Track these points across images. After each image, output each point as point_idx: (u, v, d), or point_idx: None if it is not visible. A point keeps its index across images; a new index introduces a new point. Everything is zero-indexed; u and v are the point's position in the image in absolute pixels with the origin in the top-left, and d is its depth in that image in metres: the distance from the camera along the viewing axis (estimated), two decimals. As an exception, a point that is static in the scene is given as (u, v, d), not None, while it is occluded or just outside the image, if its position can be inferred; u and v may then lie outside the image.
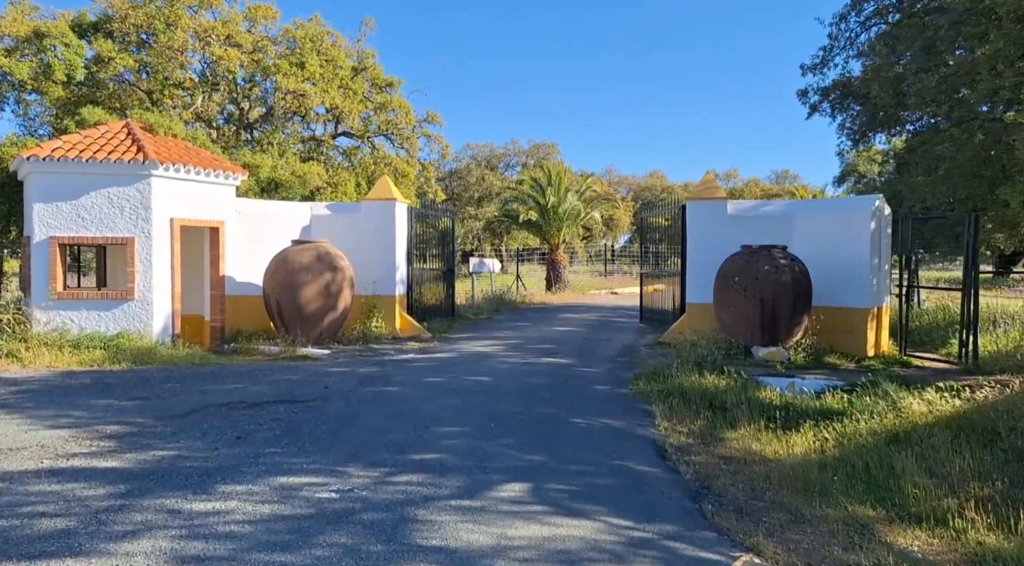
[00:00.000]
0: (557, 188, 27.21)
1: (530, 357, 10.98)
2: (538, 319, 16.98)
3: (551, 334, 14.02)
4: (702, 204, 12.34)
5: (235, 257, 12.75)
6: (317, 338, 12.07)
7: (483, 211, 36.81)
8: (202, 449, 5.85)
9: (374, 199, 13.52)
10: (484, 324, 16.06)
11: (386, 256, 13.45)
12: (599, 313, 18.87)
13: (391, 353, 11.53)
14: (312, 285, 11.82)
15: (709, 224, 12.25)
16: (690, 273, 12.45)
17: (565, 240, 28.64)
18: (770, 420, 7.01)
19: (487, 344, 12.59)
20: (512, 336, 13.73)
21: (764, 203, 12.53)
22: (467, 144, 41.22)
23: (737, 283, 10.67)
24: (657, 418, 7.16)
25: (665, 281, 14.55)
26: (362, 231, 13.48)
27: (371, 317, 13.14)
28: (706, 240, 12.24)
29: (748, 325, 10.63)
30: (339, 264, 12.23)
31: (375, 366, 10.12)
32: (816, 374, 9.48)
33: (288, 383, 8.68)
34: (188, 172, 11.72)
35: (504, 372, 9.57)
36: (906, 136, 17.91)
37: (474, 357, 11.01)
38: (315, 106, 16.67)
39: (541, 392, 8.24)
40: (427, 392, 8.16)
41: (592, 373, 9.67)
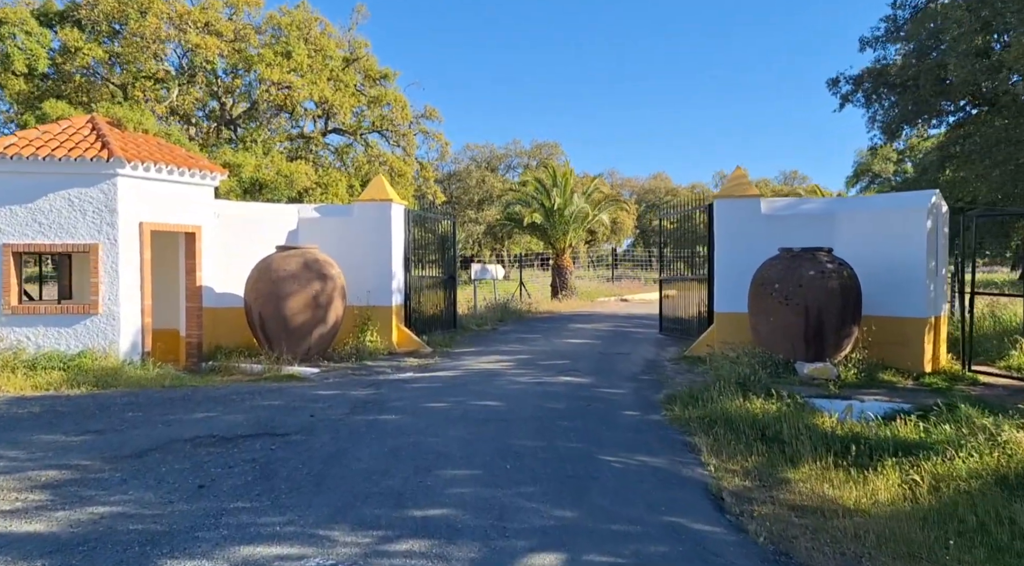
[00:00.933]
0: (563, 189, 26.26)
1: (544, 375, 10.00)
2: (547, 330, 16.00)
3: (564, 348, 13.03)
4: (732, 203, 11.38)
5: (214, 265, 11.78)
6: (305, 355, 11.09)
7: (484, 214, 35.89)
8: (153, 503, 4.87)
9: (368, 200, 12.56)
10: (489, 336, 15.08)
11: (381, 263, 12.49)
12: (612, 323, 17.88)
13: (387, 372, 10.54)
14: (299, 296, 10.85)
15: (740, 225, 11.29)
16: (719, 279, 11.48)
17: (571, 244, 27.67)
18: (838, 455, 6.03)
19: (494, 360, 11.61)
20: (521, 350, 12.75)
21: (802, 201, 11.59)
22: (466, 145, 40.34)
23: (777, 290, 9.70)
24: (703, 453, 6.18)
25: (686, 287, 13.57)
26: (355, 236, 12.52)
27: (365, 330, 12.17)
28: (737, 242, 11.28)
29: (790, 338, 9.65)
30: (329, 272, 11.26)
31: (369, 388, 9.13)
32: (874, 395, 8.50)
33: (268, 410, 7.70)
34: (160, 171, 10.77)
35: (516, 394, 8.58)
36: (946, 127, 16.98)
37: (481, 376, 10.03)
38: (303, 100, 15.74)
39: (561, 420, 7.25)
40: (429, 421, 7.18)
41: (616, 395, 8.69)
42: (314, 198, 16.05)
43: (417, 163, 19.91)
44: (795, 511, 4.97)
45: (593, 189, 28.05)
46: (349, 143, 19.27)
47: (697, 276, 13.32)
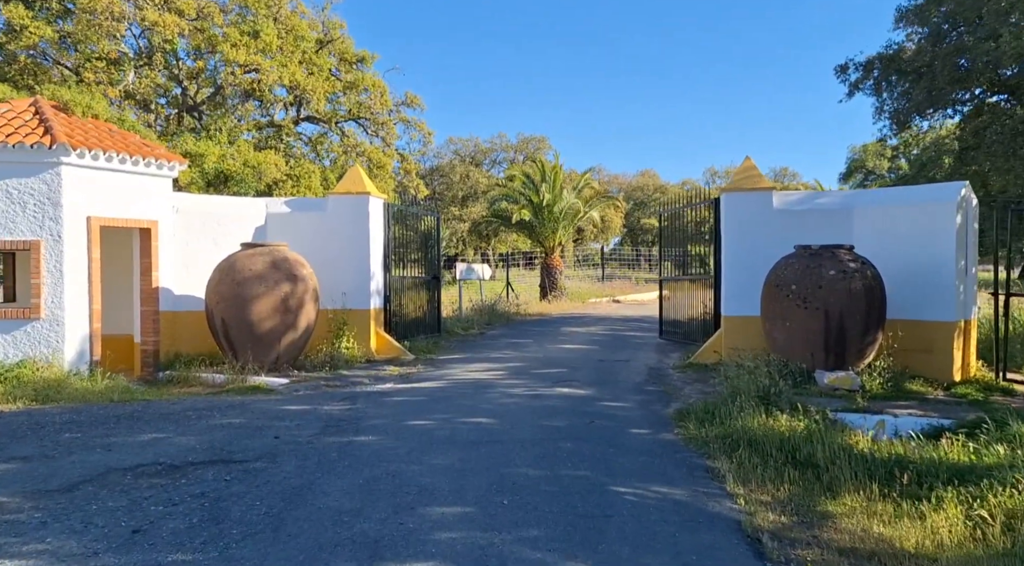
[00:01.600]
0: (552, 184, 25.59)
1: (539, 386, 9.27)
2: (539, 334, 15.28)
3: (558, 354, 12.32)
4: (741, 196, 10.73)
5: (172, 264, 10.94)
6: (273, 364, 10.29)
7: (468, 211, 35.12)
8: (74, 555, 4.09)
9: (343, 194, 11.77)
10: (476, 341, 14.34)
11: (358, 262, 11.71)
12: (607, 326, 17.21)
13: (365, 382, 9.77)
14: (265, 299, 10.05)
15: (750, 220, 10.64)
16: (726, 280, 10.83)
17: (561, 243, 27.03)
18: (882, 483, 5.36)
19: (483, 368, 10.87)
20: (512, 357, 12.02)
21: (818, 194, 10.96)
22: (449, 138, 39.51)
23: (794, 292, 9.05)
24: (728, 482, 5.48)
25: (688, 288, 12.92)
26: (329, 232, 11.73)
27: (340, 336, 11.38)
28: (747, 239, 10.63)
29: (808, 344, 9.00)
30: (300, 272, 10.47)
31: (344, 402, 8.36)
32: (905, 408, 7.86)
33: (227, 431, 6.92)
34: (110, 160, 9.91)
35: (510, 410, 7.85)
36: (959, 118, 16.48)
37: (469, 387, 9.29)
38: (271, 84, 14.84)
39: (563, 441, 6.53)
40: (411, 443, 6.43)
41: (622, 409, 7.98)
42: (285, 191, 15.22)
43: (398, 154, 19.09)
44: (848, 557, 4.28)
45: (583, 185, 27.42)
46: (323, 133, 18.36)
47: (701, 276, 12.67)
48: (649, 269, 50.76)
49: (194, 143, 13.05)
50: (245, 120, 16.00)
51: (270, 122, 17.18)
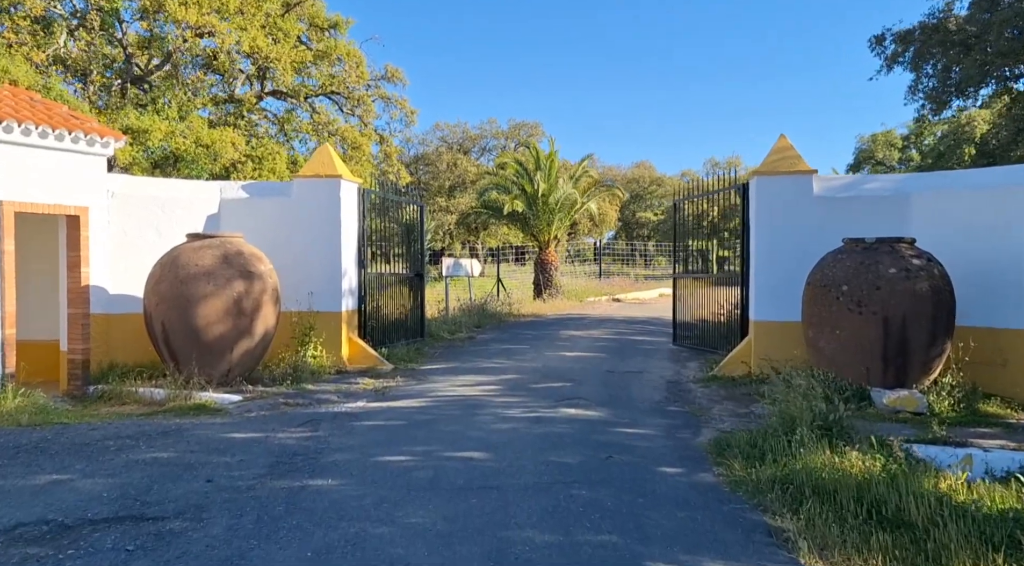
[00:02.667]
0: (547, 173, 24.36)
1: (540, 406, 8.05)
2: (535, 339, 14.06)
3: (559, 364, 11.10)
4: (776, 181, 9.54)
5: (107, 259, 9.65)
6: (224, 377, 9.02)
7: (456, 202, 33.81)
8: None
9: (311, 177, 10.49)
10: (464, 347, 13.10)
11: (328, 257, 10.45)
12: (610, 329, 16.01)
13: (332, 400, 8.52)
14: (214, 300, 8.77)
15: (786, 209, 9.46)
16: (756, 278, 9.64)
17: (556, 236, 25.80)
18: (1006, 552, 4.18)
19: (473, 381, 9.64)
20: (506, 367, 10.79)
21: (866, 178, 9.79)
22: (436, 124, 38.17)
23: (846, 294, 7.87)
24: (801, 552, 4.28)
25: (708, 287, 11.74)
26: (294, 222, 10.47)
27: (306, 343, 10.12)
28: (782, 231, 9.46)
29: (863, 356, 7.83)
30: (256, 269, 9.19)
31: (304, 428, 7.11)
32: (992, 438, 6.69)
33: (150, 469, 5.67)
34: (28, 133, 8.60)
35: (507, 439, 6.62)
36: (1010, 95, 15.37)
37: (456, 406, 8.05)
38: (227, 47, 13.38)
39: (577, 485, 5.32)
40: (382, 490, 5.20)
41: (643, 438, 6.77)
42: (245, 175, 13.90)
43: (377, 135, 17.73)
44: None
45: (581, 173, 26.18)
46: (292, 109, 16.99)
47: (724, 274, 11.49)
48: (645, 264, 49.72)
49: (137, 118, 11.72)
50: (201, 94, 14.61)
51: (230, 97, 15.73)
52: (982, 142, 35.09)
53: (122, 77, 14.07)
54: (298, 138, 16.05)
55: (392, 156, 18.54)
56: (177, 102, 13.12)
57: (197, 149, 12.18)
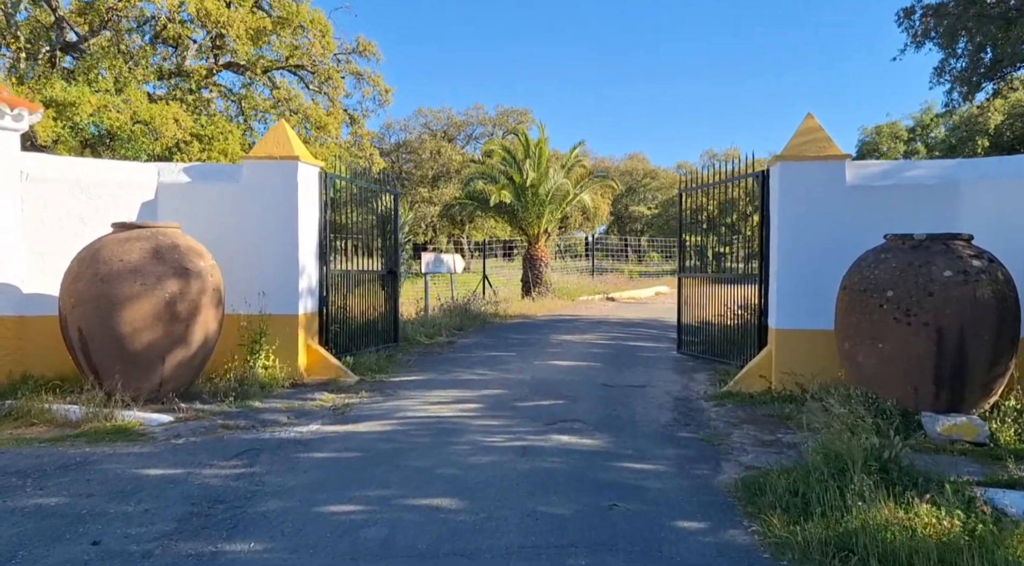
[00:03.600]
0: (537, 162, 23.28)
1: (527, 431, 6.97)
2: (523, 345, 12.98)
3: (550, 375, 10.03)
4: (802, 167, 8.50)
5: (19, 252, 8.49)
6: (155, 392, 7.89)
7: (439, 193, 32.62)
8: None
9: (263, 158, 9.35)
10: (443, 354, 12.00)
11: (283, 251, 9.32)
12: (606, 332, 14.96)
13: (281, 421, 7.41)
14: (142, 302, 7.62)
15: (815, 199, 8.42)
16: (779, 279, 8.60)
17: (547, 230, 24.75)
18: None
19: (450, 397, 8.55)
20: (489, 379, 9.71)
21: (907, 164, 8.74)
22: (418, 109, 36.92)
23: (891, 301, 6.83)
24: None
25: (718, 287, 10.70)
26: (243, 210, 9.33)
27: (257, 352, 9.00)
28: (810, 225, 8.43)
29: (911, 374, 6.81)
30: (194, 265, 8.05)
31: (237, 461, 6.00)
32: (1078, 478, 5.66)
33: (26, 522, 4.57)
34: (-83, 101, 7.41)
35: (485, 478, 5.55)
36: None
37: (427, 432, 6.96)
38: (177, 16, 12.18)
39: (573, 552, 4.25)
40: (319, 561, 4.10)
41: (653, 476, 5.70)
42: (191, 156, 12.71)
43: (347, 116, 16.51)
44: None
45: (573, 163, 25.11)
46: (249, 84, 15.71)
47: (738, 273, 10.47)
48: (638, 260, 48.82)
49: (64, 89, 10.51)
50: (143, 64, 13.33)
51: (177, 69, 14.41)
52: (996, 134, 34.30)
53: (51, 43, 12.76)
54: (258, 118, 14.85)
55: (364, 138, 17.32)
56: (115, 73, 11.87)
57: (134, 126, 10.98)
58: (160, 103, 12.11)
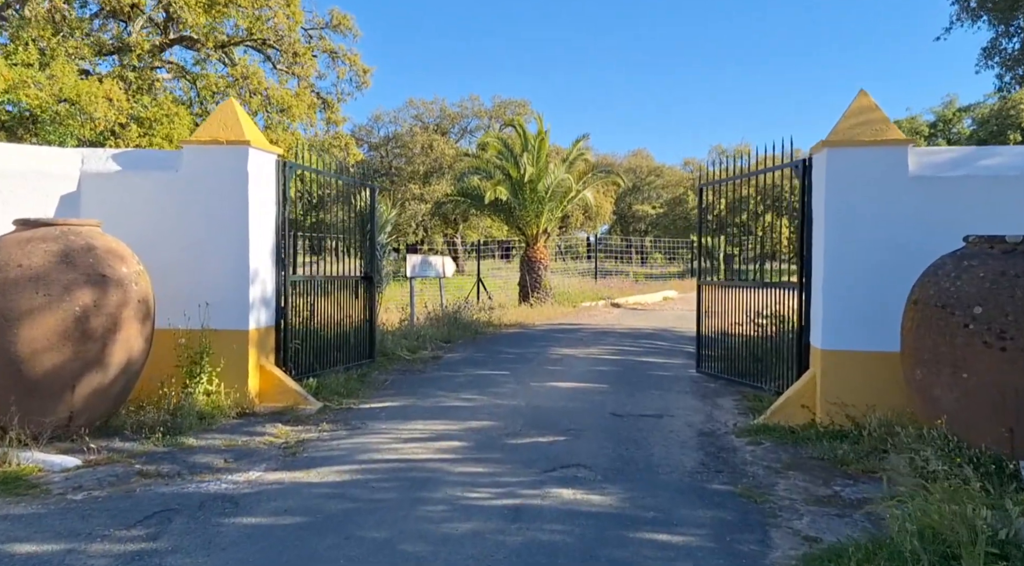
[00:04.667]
0: (536, 155, 22.06)
1: (521, 481, 5.74)
2: (519, 360, 11.74)
3: (550, 400, 8.79)
4: (855, 154, 7.27)
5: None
6: (63, 427, 6.65)
7: (431, 189, 31.37)
8: None
9: (207, 143, 8.10)
10: (426, 373, 10.75)
11: (231, 254, 8.08)
12: (613, 345, 13.73)
13: (215, 466, 6.17)
14: (46, 316, 6.39)
15: (871, 192, 7.20)
16: (826, 289, 7.37)
17: (546, 230, 23.52)
18: None
19: (428, 431, 7.31)
20: (477, 406, 8.46)
21: (984, 151, 7.51)
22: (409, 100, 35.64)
23: (979, 320, 5.60)
24: None
25: (747, 296, 9.49)
26: (183, 204, 8.09)
27: (197, 375, 7.75)
28: (865, 223, 7.21)
29: (1004, 412, 5.58)
30: (114, 272, 6.81)
31: (139, 532, 4.76)
32: None
33: None
34: None
35: (462, 559, 4.30)
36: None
37: (394, 484, 5.72)
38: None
39: None
40: None
41: (685, 557, 4.47)
42: (129, 141, 11.45)
43: (318, 99, 15.22)
44: None
45: (576, 156, 23.88)
46: (202, 60, 14.36)
47: (771, 280, 9.24)
48: (641, 262, 47.63)
49: (-28, 62, 9.26)
50: (76, 34, 12.00)
51: (121, 44, 13.01)
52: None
53: (-31, 11, 11.56)
54: (215, 100, 13.57)
55: (339, 125, 16.03)
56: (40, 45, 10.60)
57: (59, 107, 9.70)
58: (91, 79, 10.81)
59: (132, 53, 12.57)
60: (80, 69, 11.62)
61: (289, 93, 13.61)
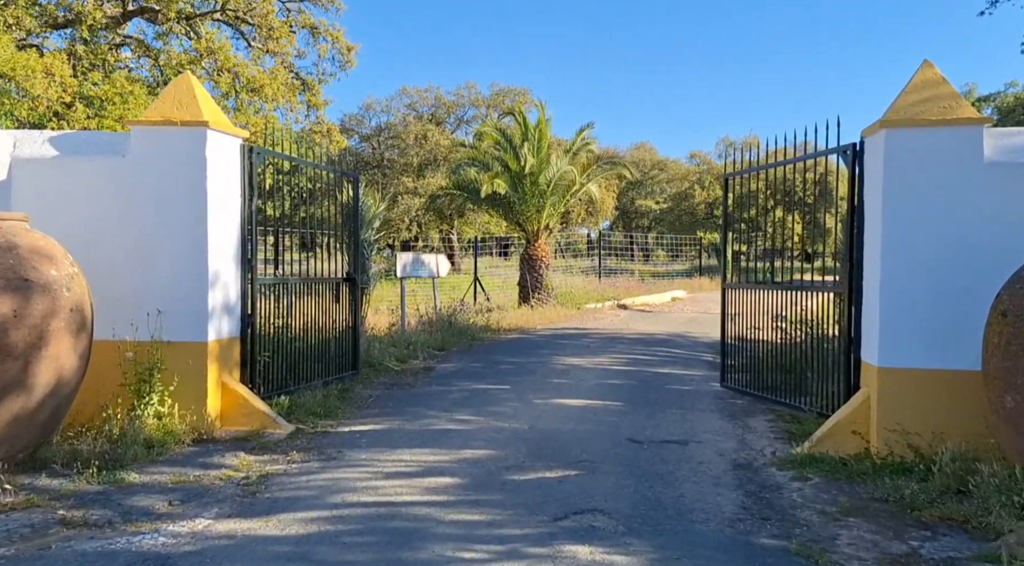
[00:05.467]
0: (537, 146, 21.10)
1: (525, 534, 4.81)
2: (520, 371, 10.80)
3: (557, 422, 7.85)
4: (920, 136, 6.33)
5: None
6: (-22, 462, 5.68)
7: (425, 183, 30.38)
8: None
9: (159, 124, 7.14)
10: (416, 387, 9.81)
11: (187, 252, 7.13)
12: (623, 353, 12.79)
13: (156, 511, 5.23)
14: (-49, 330, 5.43)
15: (940, 180, 6.27)
16: (884, 295, 6.43)
17: (548, 226, 22.57)
18: None
19: (414, 464, 6.36)
20: (473, 430, 7.51)
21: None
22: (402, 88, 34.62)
23: (1091, 336, 4.66)
24: None
25: (772, 299, 8.57)
26: (131, 195, 7.14)
27: (146, 394, 6.81)
28: (933, 217, 6.29)
29: (1122, 451, 4.63)
30: (40, 275, 5.87)
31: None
32: None
33: None
34: None
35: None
36: None
37: (369, 542, 4.78)
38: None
39: None
40: None
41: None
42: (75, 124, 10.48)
43: (296, 79, 14.21)
44: None
45: (580, 147, 22.90)
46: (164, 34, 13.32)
47: (816, 284, 8.31)
48: (644, 259, 46.70)
49: None
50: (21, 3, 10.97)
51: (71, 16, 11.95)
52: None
53: None
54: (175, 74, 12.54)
55: (320, 109, 15.02)
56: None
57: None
58: (29, 51, 9.84)
59: (83, 24, 11.55)
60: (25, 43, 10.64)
61: (262, 72, 12.59)
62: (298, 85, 14.19)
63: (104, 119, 10.56)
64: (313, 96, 14.53)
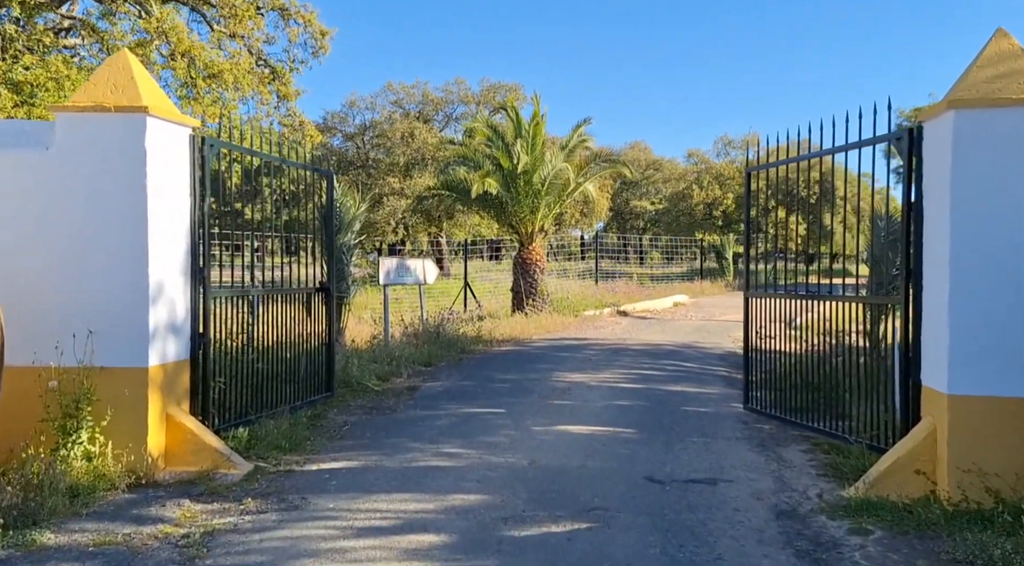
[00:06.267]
0: (531, 143, 20.19)
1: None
2: (516, 391, 9.83)
3: (560, 456, 6.89)
4: (996, 117, 5.43)
5: None
6: None
7: (412, 183, 29.40)
8: None
9: (89, 110, 6.16)
10: (398, 412, 8.82)
11: (123, 261, 6.17)
12: (630, 367, 11.85)
13: (60, 592, 4.24)
14: None
15: (1019, 172, 5.35)
16: (954, 308, 5.50)
17: (543, 227, 21.66)
18: None
19: (392, 516, 5.39)
20: (463, 467, 6.54)
21: None
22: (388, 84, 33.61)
23: None
24: None
25: (807, 309, 7.65)
26: (56, 194, 6.17)
27: (72, 431, 5.84)
28: (1014, 217, 5.36)
29: None
30: (-73, 290, 4.86)
31: None
32: None
33: None
34: None
35: None
36: None
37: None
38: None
39: None
40: None
41: None
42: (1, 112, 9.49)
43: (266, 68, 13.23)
44: None
45: (576, 144, 21.98)
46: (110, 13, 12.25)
47: (862, 295, 7.40)
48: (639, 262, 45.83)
49: None
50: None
51: None
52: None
53: None
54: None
55: (291, 100, 14.02)
56: None
57: None
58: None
59: (13, 1, 10.50)
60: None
61: (220, 55, 11.60)
62: (267, 74, 13.21)
63: (34, 107, 9.58)
64: (283, 85, 13.52)
